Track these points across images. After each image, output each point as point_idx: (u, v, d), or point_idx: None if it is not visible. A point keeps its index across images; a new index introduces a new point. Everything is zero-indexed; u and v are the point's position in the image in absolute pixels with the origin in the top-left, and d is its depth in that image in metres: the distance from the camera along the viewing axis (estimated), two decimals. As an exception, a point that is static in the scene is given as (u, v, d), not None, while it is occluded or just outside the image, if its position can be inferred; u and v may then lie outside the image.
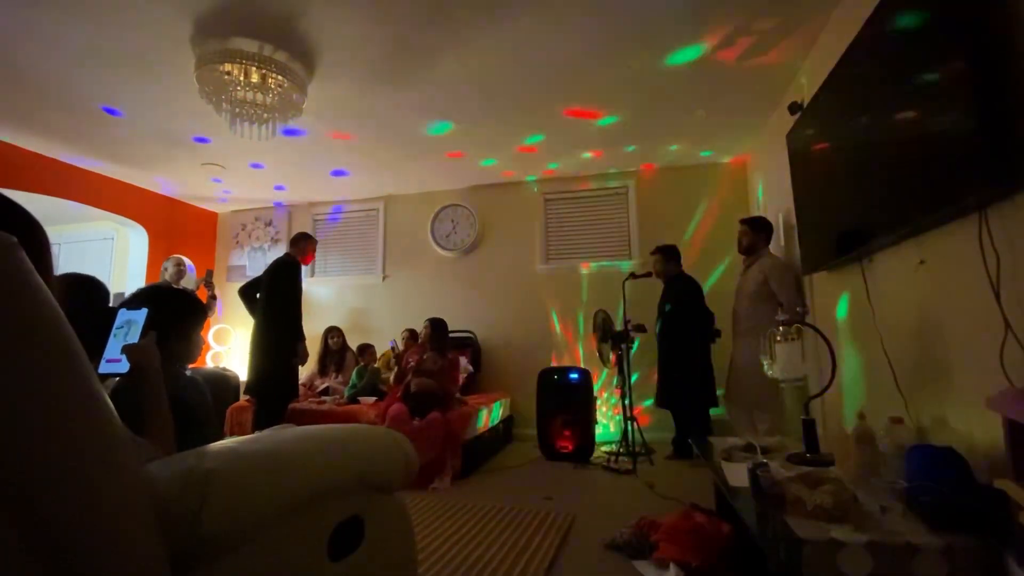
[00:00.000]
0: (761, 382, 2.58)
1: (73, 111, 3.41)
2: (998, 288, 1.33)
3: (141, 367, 1.09)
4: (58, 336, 0.52)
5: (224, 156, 4.28)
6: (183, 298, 1.50)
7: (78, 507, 0.50)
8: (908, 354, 1.88)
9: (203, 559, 0.69)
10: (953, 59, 1.40)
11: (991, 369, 1.33)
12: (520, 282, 4.94)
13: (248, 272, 5.72)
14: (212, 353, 5.37)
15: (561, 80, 3.10)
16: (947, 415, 1.63)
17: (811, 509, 1.25)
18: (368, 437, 1.10)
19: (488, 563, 2.01)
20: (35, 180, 4.09)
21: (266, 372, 3.54)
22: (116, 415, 0.57)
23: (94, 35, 2.58)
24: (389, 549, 1.10)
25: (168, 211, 5.34)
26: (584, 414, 3.87)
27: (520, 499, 2.84)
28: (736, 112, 3.55)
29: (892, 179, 1.76)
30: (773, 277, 3.04)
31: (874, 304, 2.08)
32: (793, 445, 2.03)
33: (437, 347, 3.73)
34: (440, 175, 4.86)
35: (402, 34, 2.61)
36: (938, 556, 1.10)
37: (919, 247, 1.76)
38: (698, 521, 2.02)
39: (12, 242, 0.49)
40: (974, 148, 1.31)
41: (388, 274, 5.38)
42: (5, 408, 0.46)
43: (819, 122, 2.45)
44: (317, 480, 0.88)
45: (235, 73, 2.68)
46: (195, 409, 1.37)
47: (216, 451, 0.76)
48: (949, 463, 1.32)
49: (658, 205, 4.68)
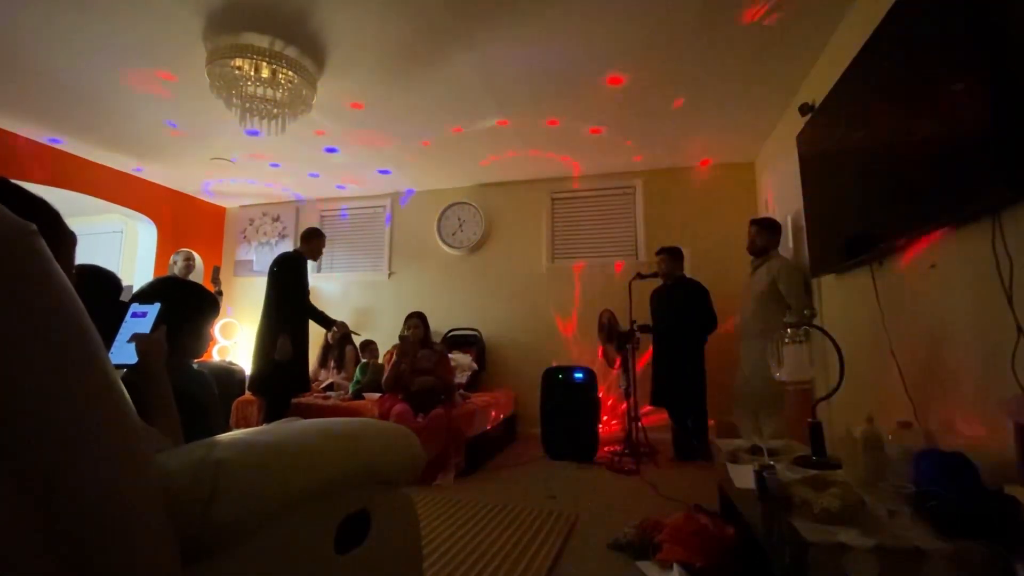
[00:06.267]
0: (768, 384, 2.56)
1: (83, 105, 3.44)
2: (1011, 292, 1.32)
3: (147, 359, 1.10)
4: (77, 324, 0.52)
5: (232, 151, 4.30)
6: (196, 292, 1.50)
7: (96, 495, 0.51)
8: (917, 358, 1.86)
9: (212, 549, 0.69)
10: (969, 60, 1.39)
11: (1001, 374, 1.31)
12: (526, 281, 4.94)
13: (255, 267, 5.75)
14: (218, 347, 5.40)
15: (569, 80, 3.09)
16: (956, 420, 1.62)
17: (818, 512, 1.25)
18: (377, 431, 1.10)
19: (491, 560, 2.01)
20: (44, 172, 4.12)
21: (271, 367, 3.56)
22: (132, 405, 0.57)
23: (107, 29, 2.60)
24: (395, 543, 1.10)
25: (177, 205, 5.38)
26: (588, 413, 3.86)
27: (523, 497, 2.84)
28: (746, 112, 3.53)
29: (904, 182, 1.75)
30: (782, 279, 3.02)
31: (884, 307, 2.06)
32: (799, 448, 2.02)
33: (427, 343, 3.73)
34: (447, 173, 4.86)
35: (413, 33, 2.62)
36: (946, 562, 1.09)
37: (930, 251, 1.75)
38: (702, 523, 2.01)
39: (32, 229, 0.50)
40: (989, 151, 1.30)
41: (394, 271, 5.39)
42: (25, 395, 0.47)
43: (830, 124, 2.43)
44: (326, 473, 0.88)
45: (246, 68, 2.69)
46: (202, 402, 1.38)
47: (226, 442, 0.76)
48: (958, 468, 1.31)
49: (665, 205, 4.67)
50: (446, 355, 3.84)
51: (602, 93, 3.27)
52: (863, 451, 1.54)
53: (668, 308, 3.86)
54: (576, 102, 3.40)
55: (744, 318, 3.33)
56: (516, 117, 3.62)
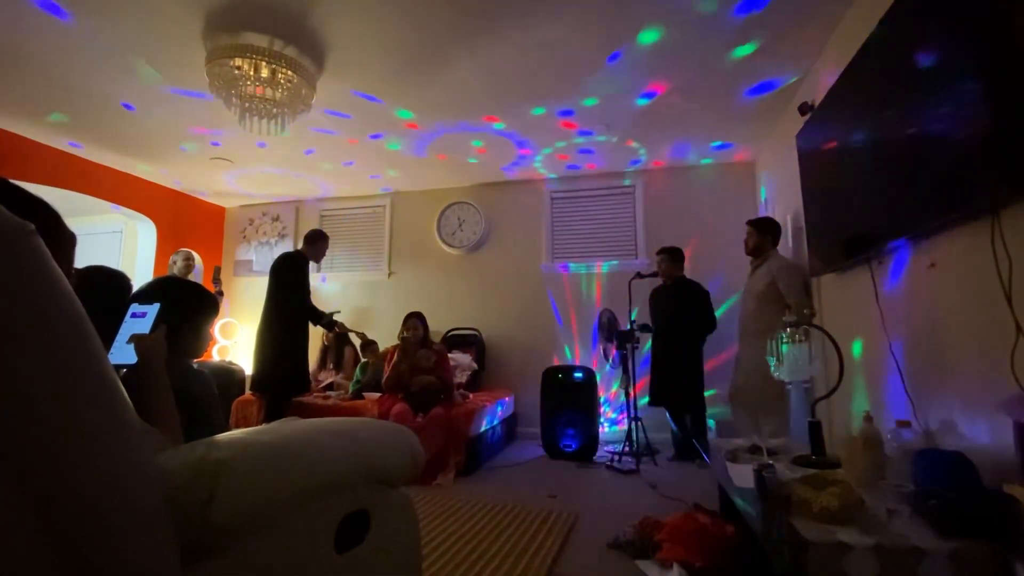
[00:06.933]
0: (767, 384, 2.57)
1: (83, 104, 3.43)
2: (1010, 292, 1.32)
3: (147, 359, 1.10)
4: (74, 324, 0.52)
5: (233, 151, 4.30)
6: (196, 292, 1.51)
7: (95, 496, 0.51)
8: (916, 357, 1.87)
9: (212, 549, 0.70)
10: (968, 59, 1.39)
11: (1001, 373, 1.32)
12: (525, 280, 4.94)
13: (255, 267, 5.75)
14: (218, 347, 5.40)
15: (570, 81, 3.09)
16: (955, 419, 1.62)
17: (817, 511, 1.25)
18: (377, 431, 1.10)
19: (491, 560, 2.01)
20: (44, 172, 4.12)
21: (272, 366, 3.56)
22: (131, 404, 0.57)
23: (106, 28, 2.60)
24: (394, 543, 1.10)
25: (176, 205, 5.37)
26: (588, 413, 3.87)
27: (523, 497, 2.84)
28: (745, 112, 3.53)
29: (904, 181, 1.75)
30: (781, 278, 3.02)
31: (883, 306, 2.06)
32: (799, 447, 2.02)
33: (427, 343, 3.72)
34: (447, 173, 4.86)
35: (413, 33, 2.62)
36: (945, 561, 1.09)
37: (930, 250, 1.75)
38: (702, 522, 2.01)
39: (30, 229, 0.50)
40: (988, 150, 1.30)
41: (394, 271, 5.39)
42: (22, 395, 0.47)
43: (830, 123, 2.43)
44: (326, 472, 0.89)
45: (245, 68, 2.69)
46: (202, 402, 1.38)
47: (226, 442, 0.76)
48: (957, 467, 1.31)
49: (665, 205, 4.66)
50: (446, 355, 3.84)
51: (602, 93, 3.27)
52: (862, 450, 1.54)
53: (668, 308, 3.87)
54: (575, 102, 3.40)
55: (743, 317, 3.33)
56: (516, 117, 3.61)
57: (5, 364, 0.46)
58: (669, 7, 2.41)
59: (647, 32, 2.62)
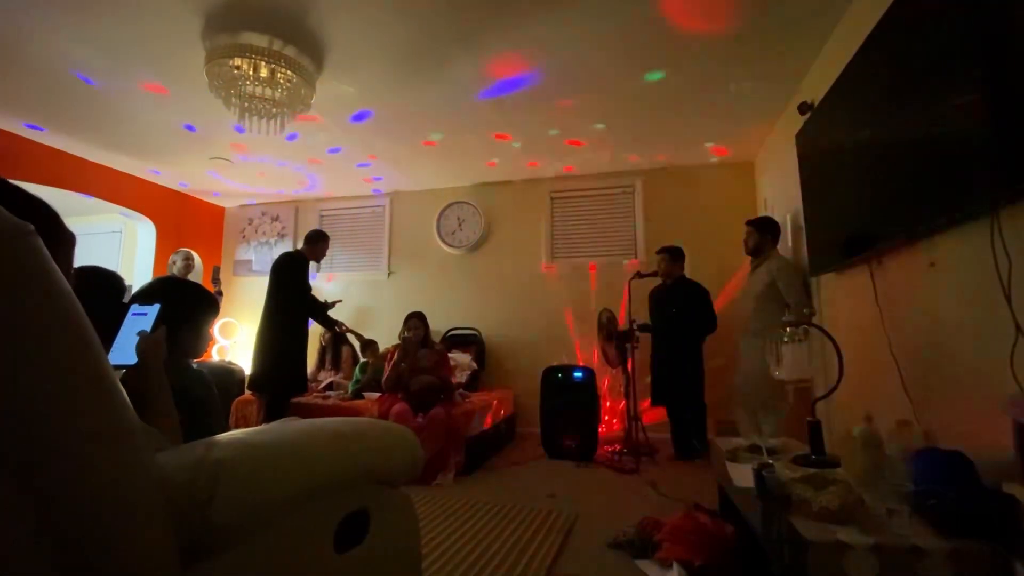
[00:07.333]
0: (767, 383, 2.56)
1: (82, 103, 3.43)
2: (1009, 291, 1.32)
3: (146, 359, 1.10)
4: (74, 324, 0.52)
5: (232, 150, 4.30)
6: (196, 292, 1.50)
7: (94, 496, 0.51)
8: (916, 357, 1.87)
9: (212, 549, 0.69)
10: (967, 58, 1.39)
11: (1000, 373, 1.32)
12: (525, 280, 4.94)
13: (255, 267, 5.75)
14: (217, 347, 5.40)
15: (571, 82, 3.09)
16: (955, 418, 1.62)
17: (817, 510, 1.25)
18: (377, 431, 1.10)
19: (491, 559, 2.01)
20: (42, 172, 4.11)
21: (271, 366, 3.56)
22: (130, 405, 0.57)
23: (105, 28, 2.59)
24: (394, 543, 1.10)
25: (176, 205, 5.37)
26: (588, 412, 3.86)
27: (523, 496, 2.84)
28: (745, 111, 3.53)
29: (903, 180, 1.75)
30: (781, 278, 3.03)
31: (882, 306, 2.06)
32: (798, 447, 2.02)
33: (427, 343, 3.72)
34: (446, 172, 4.86)
35: (413, 33, 2.62)
36: (945, 560, 1.09)
37: (929, 249, 1.75)
38: (701, 521, 2.01)
39: (29, 230, 0.50)
40: (988, 149, 1.30)
41: (393, 270, 5.39)
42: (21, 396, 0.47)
43: (829, 122, 2.43)
44: (326, 472, 0.89)
45: (244, 68, 2.69)
46: (201, 402, 1.38)
47: (226, 441, 0.76)
48: (957, 467, 1.31)
49: (665, 204, 4.67)
50: (446, 355, 3.84)
51: (602, 92, 3.27)
52: (862, 450, 1.54)
53: (668, 308, 3.86)
54: (576, 101, 3.40)
55: (744, 317, 3.33)
56: (516, 118, 3.61)
57: (5, 364, 0.46)
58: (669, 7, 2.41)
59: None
